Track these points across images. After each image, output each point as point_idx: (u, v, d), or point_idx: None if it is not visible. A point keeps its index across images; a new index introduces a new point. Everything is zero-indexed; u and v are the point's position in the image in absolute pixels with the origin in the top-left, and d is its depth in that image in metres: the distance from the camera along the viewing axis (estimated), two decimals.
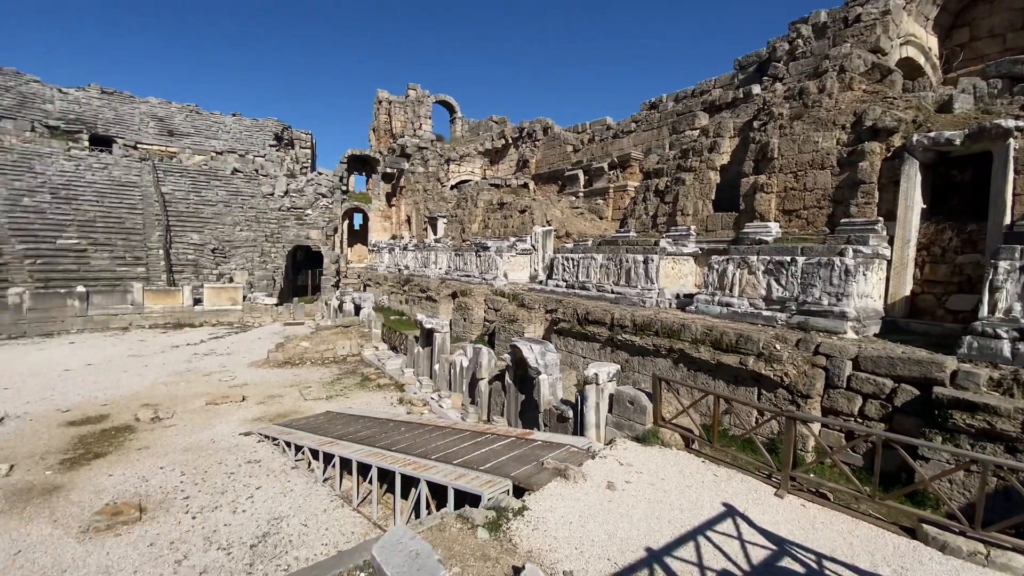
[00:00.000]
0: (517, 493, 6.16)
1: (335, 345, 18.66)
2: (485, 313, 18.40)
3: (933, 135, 9.02)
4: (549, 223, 23.11)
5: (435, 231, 34.01)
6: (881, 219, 9.62)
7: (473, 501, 6.08)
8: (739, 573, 4.58)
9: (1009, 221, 7.82)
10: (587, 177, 27.42)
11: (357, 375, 16.07)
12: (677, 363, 10.04)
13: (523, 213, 24.90)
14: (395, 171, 40.34)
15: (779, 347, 8.32)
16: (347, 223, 41.07)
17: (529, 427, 9.87)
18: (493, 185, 32.99)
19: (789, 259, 9.61)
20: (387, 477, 7.93)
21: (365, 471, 8.21)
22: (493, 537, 4.91)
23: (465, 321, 18.70)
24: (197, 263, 29.71)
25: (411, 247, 31.64)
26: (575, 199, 27.21)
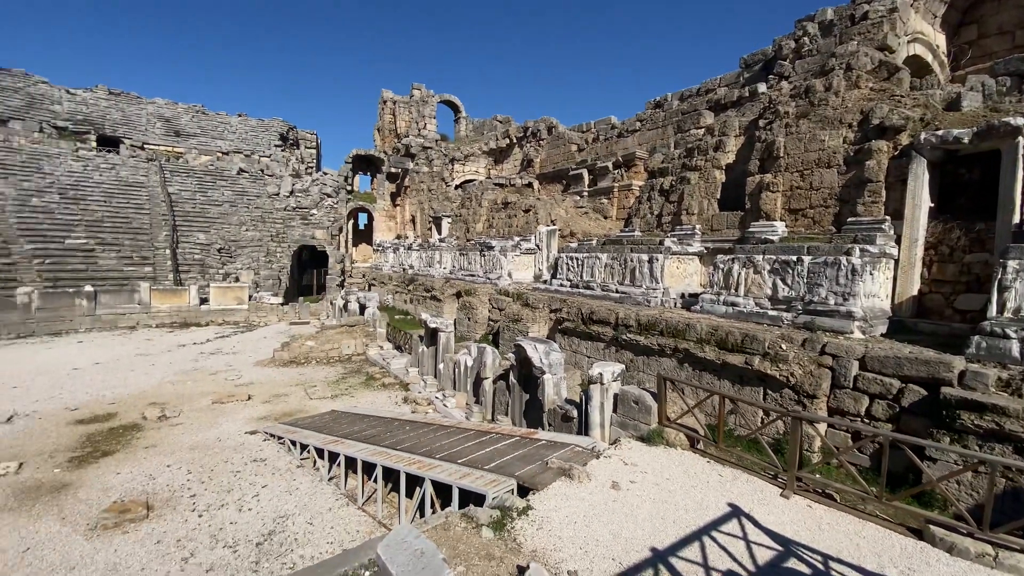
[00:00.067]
0: (521, 493, 6.17)
1: (340, 344, 18.73)
2: (489, 312, 18.41)
3: (941, 133, 8.94)
4: (553, 222, 23.08)
5: (439, 231, 34.04)
6: (888, 218, 9.55)
7: (478, 500, 6.09)
8: (745, 574, 4.56)
9: (1018, 220, 7.75)
10: (592, 176, 27.35)
11: (362, 374, 16.12)
12: (682, 363, 10.01)
13: (527, 212, 24.89)
14: (399, 171, 40.42)
15: (785, 347, 8.28)
16: (352, 223, 41.20)
17: (533, 427, 9.87)
18: (497, 184, 33.00)
19: (795, 258, 9.56)
20: (392, 476, 7.96)
21: (370, 470, 8.24)
22: (498, 536, 4.91)
23: (469, 320, 18.72)
24: (203, 263, 29.90)
25: (415, 247, 31.68)
26: (579, 198, 27.16)
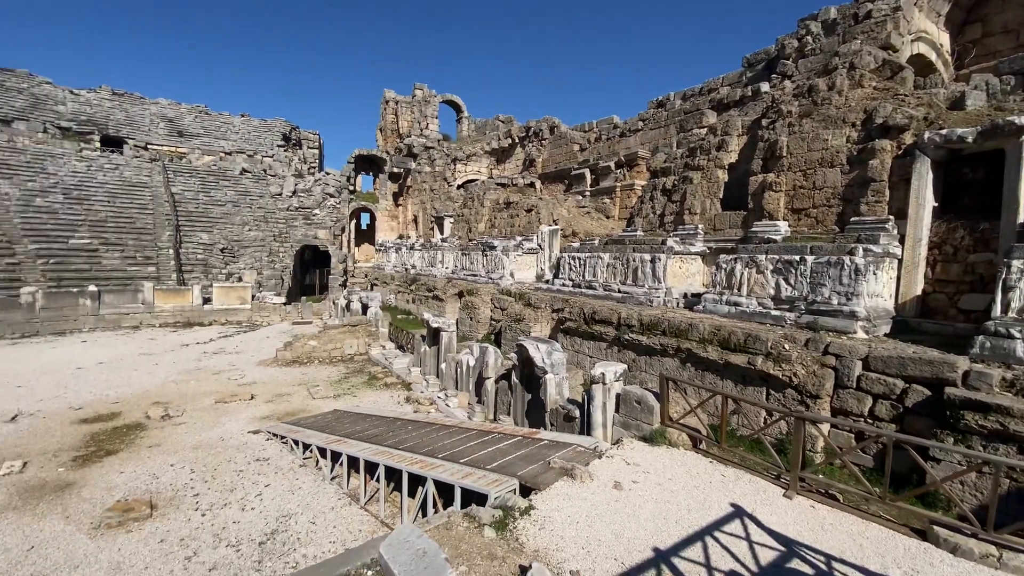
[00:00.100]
0: (524, 492, 6.16)
1: (343, 344, 18.76)
2: (491, 312, 18.41)
3: (945, 132, 8.90)
4: (555, 222, 23.07)
5: (442, 230, 34.07)
6: (892, 217, 9.52)
7: (480, 500, 6.08)
8: (747, 574, 4.55)
9: (1023, 219, 7.72)
10: (594, 176, 27.34)
11: (364, 374, 16.14)
12: (684, 363, 9.99)
13: (529, 212, 24.89)
14: (402, 171, 40.48)
15: (788, 347, 8.26)
16: (354, 223, 41.28)
17: (535, 426, 9.86)
18: (499, 184, 33.00)
19: (798, 258, 9.53)
20: (394, 475, 7.96)
21: (372, 469, 8.24)
22: (500, 536, 4.91)
23: (471, 320, 18.73)
24: (206, 262, 29.99)
25: (418, 246, 31.71)
26: (582, 198, 27.15)
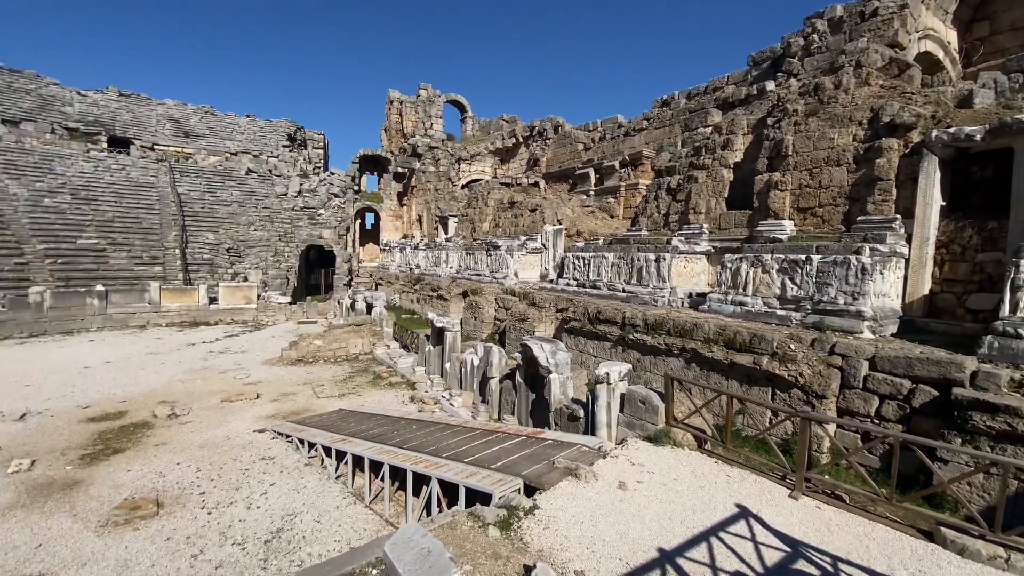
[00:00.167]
0: (528, 492, 6.16)
1: (347, 343, 18.81)
2: (496, 312, 18.42)
3: (953, 131, 8.83)
4: (560, 222, 23.05)
5: (446, 230, 34.12)
6: (899, 217, 9.45)
7: (484, 499, 6.09)
8: (752, 575, 4.54)
9: None
10: (598, 175, 27.28)
11: (369, 373, 16.19)
12: (689, 363, 9.96)
13: (534, 212, 24.88)
14: (406, 171, 40.56)
15: (794, 347, 8.22)
16: (359, 222, 41.38)
17: (540, 426, 9.86)
18: (504, 184, 33.01)
19: (804, 257, 9.48)
20: (399, 475, 7.98)
21: (377, 468, 8.27)
22: (504, 536, 4.91)
23: (476, 320, 18.74)
24: (212, 262, 30.16)
25: (422, 246, 31.76)
26: (586, 198, 27.10)
